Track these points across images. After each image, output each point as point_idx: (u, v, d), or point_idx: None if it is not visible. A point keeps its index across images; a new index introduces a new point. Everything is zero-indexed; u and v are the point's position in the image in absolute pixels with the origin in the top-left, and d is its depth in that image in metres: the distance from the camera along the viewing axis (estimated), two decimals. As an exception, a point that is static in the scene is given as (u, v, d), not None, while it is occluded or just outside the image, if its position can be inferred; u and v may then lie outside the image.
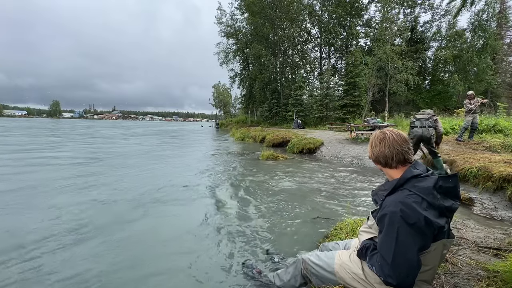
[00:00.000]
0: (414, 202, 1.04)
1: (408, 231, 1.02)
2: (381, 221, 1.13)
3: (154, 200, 3.91)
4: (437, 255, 1.12)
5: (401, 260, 1.03)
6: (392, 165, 1.21)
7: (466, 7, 20.68)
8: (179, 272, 2.09)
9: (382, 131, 1.27)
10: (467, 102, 7.11)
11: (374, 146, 1.26)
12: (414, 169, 1.16)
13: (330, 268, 1.39)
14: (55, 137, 15.49)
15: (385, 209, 1.11)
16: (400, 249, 1.03)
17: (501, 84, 22.41)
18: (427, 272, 1.13)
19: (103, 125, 46.45)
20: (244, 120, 36.60)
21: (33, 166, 6.30)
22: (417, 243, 1.02)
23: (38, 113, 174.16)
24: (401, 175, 1.16)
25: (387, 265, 1.07)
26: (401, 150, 1.17)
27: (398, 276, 1.03)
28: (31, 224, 2.90)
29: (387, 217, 1.09)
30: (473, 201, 3.67)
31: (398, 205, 1.06)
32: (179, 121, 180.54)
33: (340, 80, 24.88)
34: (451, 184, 1.08)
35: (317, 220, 3.14)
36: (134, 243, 2.57)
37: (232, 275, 2.05)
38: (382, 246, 1.11)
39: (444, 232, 1.07)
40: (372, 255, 1.18)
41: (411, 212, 1.02)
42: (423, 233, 1.02)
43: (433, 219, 1.02)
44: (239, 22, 32.71)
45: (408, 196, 1.07)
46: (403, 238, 1.03)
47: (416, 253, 1.03)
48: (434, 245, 1.08)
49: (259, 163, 7.35)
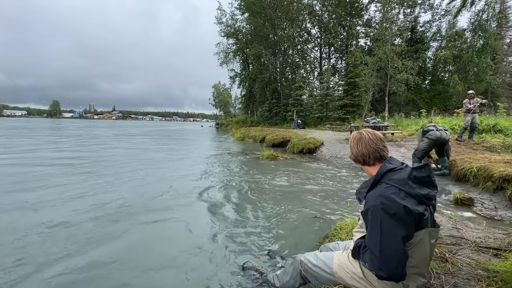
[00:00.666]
0: (392, 194, 1.09)
1: (391, 222, 1.07)
2: (365, 217, 1.18)
3: (152, 202, 3.91)
4: (425, 246, 1.14)
5: (388, 251, 1.07)
6: (370, 163, 1.30)
7: (466, 7, 20.69)
8: (178, 274, 2.08)
9: (359, 132, 1.35)
10: (466, 101, 7.12)
11: (353, 146, 1.35)
12: (388, 164, 1.23)
13: (329, 268, 1.39)
14: (35, 139, 14.09)
15: (367, 204, 1.17)
16: (385, 240, 1.08)
17: (501, 84, 22.43)
18: (419, 264, 1.15)
19: (100, 125, 45.84)
20: (244, 120, 36.61)
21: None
22: (401, 232, 1.06)
23: (38, 113, 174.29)
24: (377, 171, 1.24)
25: (376, 258, 1.10)
26: (377, 148, 1.27)
27: (388, 268, 1.07)
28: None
29: (370, 212, 1.14)
30: (473, 201, 3.67)
31: (378, 199, 1.12)
32: (179, 121, 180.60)
33: (340, 80, 24.89)
34: (424, 173, 1.14)
35: (317, 220, 3.15)
36: (134, 247, 2.57)
37: (232, 276, 2.04)
38: (369, 240, 1.16)
39: (425, 220, 1.11)
40: (364, 252, 1.21)
41: (391, 203, 1.07)
42: (404, 222, 1.06)
43: (412, 207, 1.06)
44: (239, 22, 32.76)
45: (386, 189, 1.13)
46: (387, 230, 1.07)
47: (401, 243, 1.06)
48: (418, 235, 1.11)
49: (259, 163, 7.36)
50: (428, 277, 1.25)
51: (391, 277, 1.09)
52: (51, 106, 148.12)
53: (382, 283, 1.19)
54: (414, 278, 1.16)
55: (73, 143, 12.39)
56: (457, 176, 4.47)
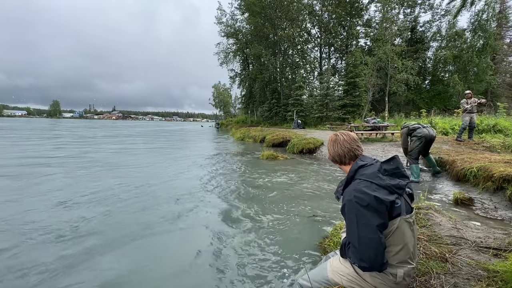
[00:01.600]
0: (364, 187, 1.18)
1: (365, 213, 1.14)
2: (343, 212, 1.26)
3: (151, 201, 3.90)
4: (404, 233, 1.19)
5: (366, 241, 1.13)
6: (345, 162, 1.39)
7: (466, 7, 20.68)
8: (176, 278, 2.08)
9: (335, 134, 1.45)
10: (464, 101, 7.13)
11: (330, 147, 1.45)
12: (360, 161, 1.32)
13: (325, 279, 1.42)
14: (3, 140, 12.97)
15: (344, 200, 1.25)
16: (362, 231, 1.14)
17: (501, 84, 22.43)
18: (401, 252, 1.20)
19: (95, 125, 45.03)
20: (244, 120, 36.60)
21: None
22: (375, 221, 1.13)
23: (38, 113, 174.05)
24: (350, 168, 1.33)
25: (356, 250, 1.17)
26: (351, 148, 1.36)
27: (368, 258, 1.13)
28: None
29: (346, 207, 1.22)
30: (473, 201, 3.67)
31: (352, 193, 1.20)
32: (179, 121, 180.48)
33: (340, 80, 24.88)
34: (392, 166, 1.25)
35: (317, 221, 3.15)
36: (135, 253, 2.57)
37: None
38: (348, 234, 1.23)
39: (398, 208, 1.18)
40: (348, 248, 1.27)
41: (363, 195, 1.15)
42: (378, 211, 1.13)
43: (383, 196, 1.14)
44: (239, 22, 32.74)
45: (358, 183, 1.21)
46: (362, 221, 1.14)
47: (377, 231, 1.13)
48: (394, 223, 1.17)
49: (259, 163, 7.35)
50: (415, 262, 1.28)
51: (372, 266, 1.14)
52: (51, 106, 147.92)
53: (373, 277, 1.23)
54: (400, 266, 1.21)
55: (47, 145, 11.06)
56: (457, 176, 4.47)
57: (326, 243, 2.39)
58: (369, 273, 1.24)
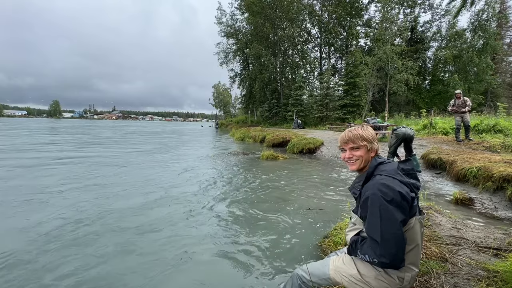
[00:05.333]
0: (389, 182, 1.18)
1: (389, 208, 1.13)
2: (364, 206, 1.23)
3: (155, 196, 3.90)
4: (417, 233, 1.21)
5: (389, 236, 1.12)
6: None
7: (466, 7, 20.61)
8: (175, 277, 2.08)
9: (354, 128, 1.42)
10: (452, 102, 7.18)
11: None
12: (378, 158, 1.34)
13: (325, 275, 1.40)
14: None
15: (366, 193, 1.22)
16: (385, 226, 1.12)
17: (501, 84, 22.42)
18: (412, 252, 1.21)
19: (93, 125, 44.70)
20: (244, 120, 36.63)
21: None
22: (399, 217, 1.13)
23: (38, 113, 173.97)
24: (368, 165, 1.33)
25: (377, 245, 1.15)
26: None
27: (390, 253, 1.11)
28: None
29: (369, 200, 1.19)
30: (473, 201, 3.67)
31: (375, 187, 1.19)
32: (179, 121, 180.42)
33: (340, 80, 24.88)
34: (409, 166, 1.28)
35: (317, 221, 3.15)
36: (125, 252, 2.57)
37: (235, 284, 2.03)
38: (370, 227, 1.20)
39: (415, 207, 1.20)
40: (362, 245, 1.27)
41: (388, 190, 1.15)
42: (401, 207, 1.14)
43: (406, 193, 1.15)
44: (239, 22, 32.80)
45: (382, 178, 1.21)
46: (386, 215, 1.13)
47: (400, 227, 1.12)
48: (411, 222, 1.19)
49: (259, 163, 7.35)
50: (419, 268, 1.28)
51: (392, 262, 1.13)
52: (51, 106, 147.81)
53: (379, 281, 1.21)
54: (408, 269, 1.21)
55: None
56: (457, 176, 4.47)
57: (326, 243, 2.39)
58: (374, 275, 1.22)
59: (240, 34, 32.30)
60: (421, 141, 7.72)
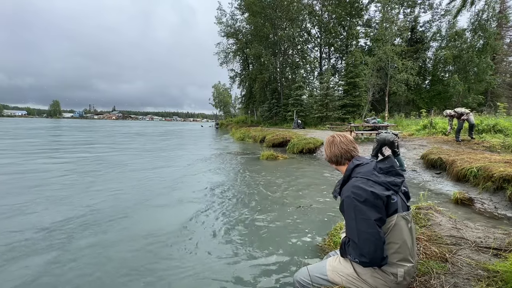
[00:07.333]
0: (361, 183, 1.22)
1: (363, 208, 1.17)
2: (342, 209, 1.29)
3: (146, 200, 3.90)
4: (402, 230, 1.22)
5: (366, 236, 1.15)
6: (342, 163, 1.45)
7: (466, 7, 20.67)
8: (175, 276, 2.08)
9: (332, 136, 1.50)
10: (449, 112, 7.31)
11: (327, 148, 1.50)
12: (355, 161, 1.38)
13: (323, 275, 1.42)
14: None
15: (342, 197, 1.29)
16: (361, 226, 1.16)
17: (501, 84, 22.42)
18: (400, 249, 1.22)
19: (90, 125, 44.38)
20: (244, 120, 36.62)
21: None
22: (373, 215, 1.16)
23: (38, 113, 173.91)
24: (346, 168, 1.39)
25: (356, 245, 1.19)
26: (348, 149, 1.42)
27: (368, 253, 1.15)
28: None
29: (344, 203, 1.25)
30: (473, 201, 3.67)
31: (349, 190, 1.24)
32: (179, 121, 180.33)
33: (340, 80, 24.89)
34: (387, 164, 1.30)
35: (317, 221, 3.15)
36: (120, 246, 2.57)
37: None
38: (348, 229, 1.25)
39: (394, 204, 1.21)
40: (348, 246, 1.29)
41: (361, 191, 1.19)
42: (375, 206, 1.17)
43: (379, 192, 1.18)
44: (239, 22, 32.76)
45: (355, 181, 1.26)
46: (360, 216, 1.17)
47: (375, 226, 1.15)
48: (392, 219, 1.21)
49: (259, 163, 7.35)
50: (415, 261, 1.30)
51: (372, 261, 1.15)
52: (51, 106, 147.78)
53: (375, 278, 1.24)
54: (400, 265, 1.22)
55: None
56: (457, 176, 4.47)
57: (326, 243, 2.39)
58: (370, 273, 1.24)
59: (240, 34, 32.28)
60: (421, 141, 7.73)
